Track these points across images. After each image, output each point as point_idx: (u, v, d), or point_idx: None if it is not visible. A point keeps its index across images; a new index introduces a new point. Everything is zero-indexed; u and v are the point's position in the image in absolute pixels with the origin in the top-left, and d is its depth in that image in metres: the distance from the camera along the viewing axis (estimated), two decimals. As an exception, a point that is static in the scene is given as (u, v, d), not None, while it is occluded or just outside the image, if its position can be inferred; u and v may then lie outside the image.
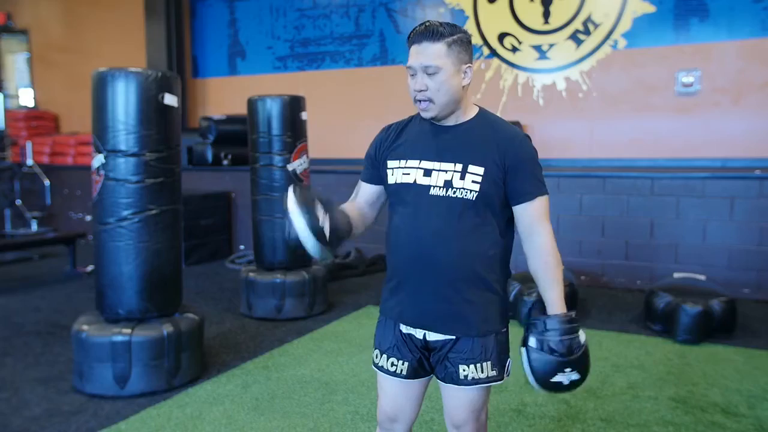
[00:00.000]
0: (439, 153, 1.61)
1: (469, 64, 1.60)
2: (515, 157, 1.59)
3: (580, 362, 1.60)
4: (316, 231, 1.48)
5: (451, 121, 1.64)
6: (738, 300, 4.27)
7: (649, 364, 3.51)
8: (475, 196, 1.57)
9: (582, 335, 1.63)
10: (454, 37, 1.55)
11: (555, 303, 1.62)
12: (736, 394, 3.09)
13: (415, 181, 1.62)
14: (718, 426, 2.75)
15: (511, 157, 1.58)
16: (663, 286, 4.32)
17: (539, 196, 1.61)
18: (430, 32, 1.54)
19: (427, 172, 1.61)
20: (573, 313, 1.62)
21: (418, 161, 1.63)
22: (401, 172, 1.65)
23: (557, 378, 1.58)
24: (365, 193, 1.77)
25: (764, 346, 3.83)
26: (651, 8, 5.77)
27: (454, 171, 1.58)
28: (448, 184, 1.58)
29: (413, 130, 1.70)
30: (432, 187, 1.60)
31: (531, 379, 1.61)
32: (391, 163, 1.68)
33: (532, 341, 1.60)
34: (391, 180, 1.67)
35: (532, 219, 1.61)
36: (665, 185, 5.22)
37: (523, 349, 1.63)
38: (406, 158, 1.65)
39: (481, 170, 1.57)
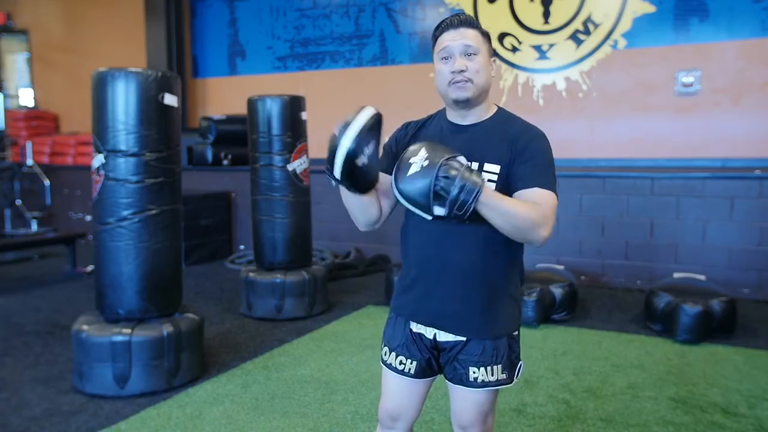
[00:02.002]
0: (457, 152, 1.57)
1: (495, 59, 1.65)
2: (522, 146, 1.56)
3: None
4: (352, 157, 1.43)
5: (471, 119, 1.63)
6: (738, 300, 4.27)
7: (649, 364, 3.51)
8: None
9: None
10: (484, 30, 1.61)
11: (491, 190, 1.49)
12: (736, 394, 3.09)
13: None
14: (718, 426, 2.75)
15: (518, 147, 1.56)
16: (663, 286, 4.32)
17: (541, 188, 1.52)
18: (467, 20, 1.60)
19: None
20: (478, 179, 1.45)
21: None
22: None
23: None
24: (382, 183, 1.63)
25: (764, 346, 3.83)
26: (651, 8, 5.76)
27: None
28: None
29: (432, 128, 1.68)
30: None
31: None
32: None
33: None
34: None
35: (527, 199, 1.51)
36: (665, 185, 5.22)
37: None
38: None
39: (496, 168, 1.56)
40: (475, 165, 1.56)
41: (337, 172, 1.44)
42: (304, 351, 3.76)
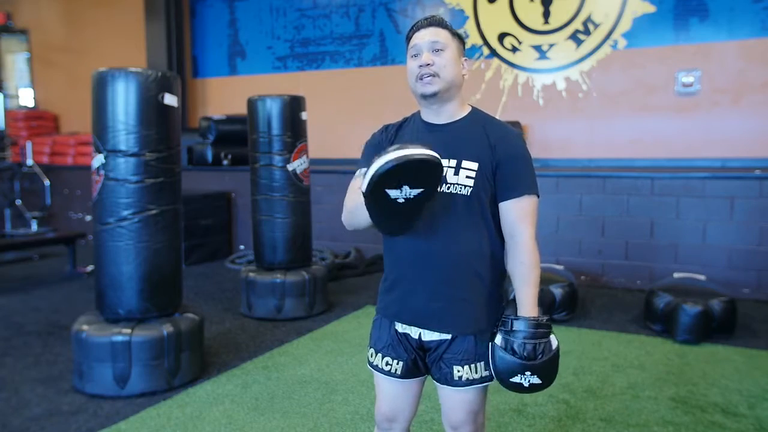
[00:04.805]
0: (433, 150, 1.61)
1: (466, 59, 1.68)
2: (506, 152, 1.60)
3: (544, 368, 1.58)
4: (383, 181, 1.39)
5: (446, 118, 1.65)
6: (738, 300, 4.27)
7: (649, 364, 3.51)
8: (469, 191, 1.58)
9: (553, 341, 1.60)
10: (455, 31, 1.65)
11: (526, 304, 1.60)
12: (736, 394, 3.09)
13: None
14: (718, 426, 2.75)
15: (501, 152, 1.59)
16: (663, 286, 4.32)
17: (526, 195, 1.60)
18: (437, 21, 1.64)
19: None
20: (545, 318, 1.60)
21: None
22: None
23: (516, 379, 1.57)
24: None
25: (764, 346, 3.83)
26: (651, 8, 5.77)
27: (448, 167, 1.58)
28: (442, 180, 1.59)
29: (409, 129, 1.71)
30: None
31: (493, 374, 1.62)
32: None
33: (499, 339, 1.60)
34: None
35: (517, 217, 1.60)
36: (665, 185, 5.22)
37: (491, 345, 1.62)
38: None
39: (474, 165, 1.58)
40: (453, 162, 1.59)
41: (364, 185, 1.41)
42: (304, 351, 3.76)
